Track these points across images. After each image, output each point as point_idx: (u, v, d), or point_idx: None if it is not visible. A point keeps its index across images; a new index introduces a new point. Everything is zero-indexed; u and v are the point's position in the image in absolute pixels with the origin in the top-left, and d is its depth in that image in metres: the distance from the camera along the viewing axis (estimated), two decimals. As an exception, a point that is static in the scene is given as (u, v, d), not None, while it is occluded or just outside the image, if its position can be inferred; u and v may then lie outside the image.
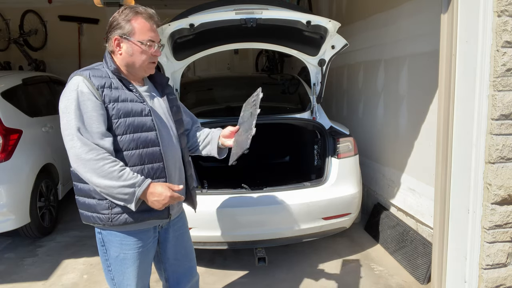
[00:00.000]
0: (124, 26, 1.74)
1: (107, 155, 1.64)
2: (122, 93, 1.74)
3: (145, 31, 1.75)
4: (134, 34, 1.74)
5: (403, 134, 3.81)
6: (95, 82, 1.69)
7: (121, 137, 1.72)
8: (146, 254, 1.89)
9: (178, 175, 1.92)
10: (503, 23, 2.22)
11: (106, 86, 1.71)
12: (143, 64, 1.79)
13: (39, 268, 3.53)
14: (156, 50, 1.80)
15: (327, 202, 3.26)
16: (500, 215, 2.38)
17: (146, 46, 1.75)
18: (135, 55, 1.76)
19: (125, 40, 1.75)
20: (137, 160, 1.74)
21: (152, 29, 1.77)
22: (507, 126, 2.31)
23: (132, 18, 1.74)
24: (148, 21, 1.76)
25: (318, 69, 3.72)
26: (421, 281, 3.10)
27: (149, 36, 1.75)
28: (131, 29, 1.74)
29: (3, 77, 4.29)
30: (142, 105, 1.77)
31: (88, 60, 7.82)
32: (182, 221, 2.08)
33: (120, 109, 1.71)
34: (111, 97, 1.70)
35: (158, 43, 1.80)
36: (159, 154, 1.79)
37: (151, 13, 1.79)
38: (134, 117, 1.73)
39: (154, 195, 1.69)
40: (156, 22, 1.81)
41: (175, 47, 3.32)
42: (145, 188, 1.67)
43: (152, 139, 1.77)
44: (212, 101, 4.40)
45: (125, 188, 1.64)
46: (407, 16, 3.63)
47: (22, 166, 3.81)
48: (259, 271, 3.34)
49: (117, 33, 1.74)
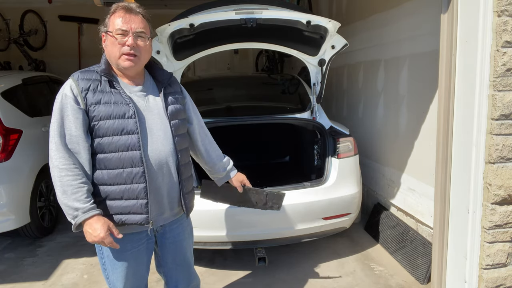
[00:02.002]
0: (105, 21, 1.77)
1: (73, 166, 1.67)
2: (105, 96, 1.73)
3: (116, 22, 1.73)
4: (108, 26, 1.76)
5: (403, 134, 3.81)
6: (81, 84, 1.71)
7: (100, 140, 1.73)
8: (137, 257, 1.87)
9: (168, 180, 1.85)
10: (503, 23, 2.22)
11: (91, 89, 1.72)
12: (116, 56, 1.75)
13: (39, 268, 3.53)
14: (130, 40, 1.72)
15: (327, 202, 3.26)
16: (500, 215, 2.38)
17: (117, 36, 1.72)
18: (108, 47, 1.77)
19: (105, 34, 1.77)
20: (116, 163, 1.73)
21: (125, 19, 1.73)
22: (507, 126, 2.31)
23: (111, 13, 1.76)
24: (123, 11, 1.74)
25: (318, 69, 3.72)
26: (421, 281, 3.10)
27: (119, 25, 1.72)
28: (108, 22, 1.76)
29: (3, 77, 4.29)
30: (126, 107, 1.74)
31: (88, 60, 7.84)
32: (181, 227, 2.03)
33: (101, 111, 1.71)
34: (93, 100, 1.71)
35: (134, 33, 1.73)
36: (139, 159, 1.74)
37: (130, 6, 1.76)
38: (114, 119, 1.72)
39: (90, 227, 1.66)
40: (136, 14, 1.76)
41: (175, 47, 3.32)
42: (86, 218, 1.66)
43: (132, 142, 1.73)
44: (212, 101, 4.40)
45: (69, 208, 1.66)
46: (407, 16, 3.63)
47: (22, 166, 3.81)
48: (259, 271, 3.34)
49: (101, 30, 1.78)
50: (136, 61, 1.77)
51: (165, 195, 1.86)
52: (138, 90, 1.83)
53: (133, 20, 1.74)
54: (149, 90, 1.87)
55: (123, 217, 1.77)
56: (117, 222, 1.77)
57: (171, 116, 1.87)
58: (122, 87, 1.78)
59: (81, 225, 1.69)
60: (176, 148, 1.87)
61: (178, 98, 1.96)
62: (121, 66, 1.76)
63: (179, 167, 1.89)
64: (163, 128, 1.83)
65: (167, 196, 1.87)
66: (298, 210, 3.18)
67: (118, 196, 1.75)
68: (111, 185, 1.75)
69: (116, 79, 1.79)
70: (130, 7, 1.76)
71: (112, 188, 1.75)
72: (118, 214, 1.77)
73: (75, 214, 1.66)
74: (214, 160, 2.16)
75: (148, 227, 1.84)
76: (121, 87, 1.77)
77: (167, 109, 1.86)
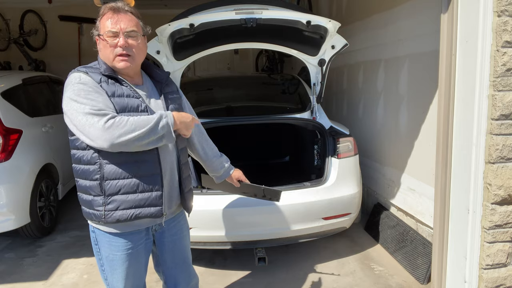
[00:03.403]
0: (97, 24, 1.76)
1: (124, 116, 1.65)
2: (118, 88, 1.73)
3: (106, 24, 1.72)
4: (100, 30, 1.75)
5: (403, 134, 3.81)
6: (94, 77, 1.70)
7: None
8: (136, 256, 1.87)
9: (170, 177, 1.87)
10: (503, 23, 2.22)
11: (103, 81, 1.71)
12: (111, 58, 1.74)
13: (39, 268, 3.54)
14: (121, 41, 1.71)
15: (327, 202, 3.26)
16: (500, 215, 2.38)
17: (107, 38, 1.71)
18: (102, 50, 1.76)
19: (97, 37, 1.76)
20: (130, 156, 1.72)
21: (113, 21, 1.71)
22: (507, 126, 2.31)
23: (100, 15, 1.75)
24: (111, 12, 1.73)
25: (318, 69, 3.72)
26: (421, 281, 3.10)
27: (109, 28, 1.71)
28: (99, 25, 1.75)
29: (3, 77, 4.29)
30: (138, 101, 1.74)
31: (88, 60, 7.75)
32: (179, 225, 2.04)
33: (117, 103, 1.69)
34: (109, 91, 1.70)
35: (125, 32, 1.72)
36: (153, 150, 1.76)
37: (117, 6, 1.74)
38: (129, 112, 1.71)
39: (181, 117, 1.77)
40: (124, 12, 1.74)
41: (175, 47, 3.32)
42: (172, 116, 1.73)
43: None
44: (212, 101, 4.40)
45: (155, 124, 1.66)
46: (407, 16, 3.63)
47: (22, 166, 3.81)
48: (259, 271, 3.34)
49: (94, 33, 1.78)
50: (131, 61, 1.76)
51: (166, 193, 1.87)
52: (139, 90, 1.84)
53: (121, 19, 1.72)
54: (149, 90, 1.88)
55: (137, 210, 1.76)
56: (131, 216, 1.75)
57: None
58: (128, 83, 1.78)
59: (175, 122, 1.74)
60: (177, 147, 1.90)
61: (176, 98, 1.97)
62: (117, 68, 1.76)
63: (180, 166, 1.92)
64: None
65: (167, 195, 1.88)
66: (298, 210, 3.18)
67: (133, 190, 1.74)
68: (125, 179, 1.73)
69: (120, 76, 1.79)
70: (117, 7, 1.74)
71: (126, 182, 1.73)
72: (132, 208, 1.75)
73: (165, 118, 1.69)
74: (211, 158, 2.17)
75: (162, 219, 1.88)
76: (127, 83, 1.77)
77: (167, 108, 1.87)
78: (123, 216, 1.74)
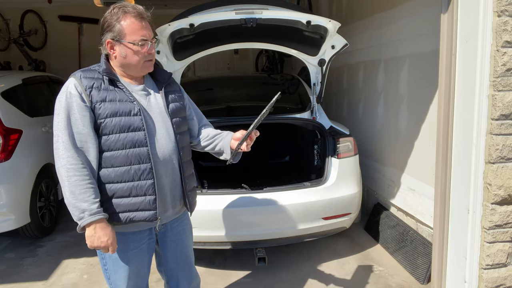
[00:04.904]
0: (115, 28, 1.71)
1: (81, 166, 1.66)
2: (110, 93, 1.74)
3: (135, 31, 1.71)
4: (125, 36, 1.71)
5: (403, 134, 3.81)
6: (85, 82, 1.71)
7: (107, 137, 1.73)
8: (138, 256, 1.88)
9: (171, 177, 1.87)
10: (503, 23, 2.22)
11: (95, 87, 1.72)
12: (139, 64, 1.77)
13: (39, 268, 3.54)
14: (150, 47, 1.77)
15: (327, 202, 3.26)
16: (500, 215, 2.38)
17: (139, 46, 1.73)
18: (128, 57, 1.75)
19: (117, 43, 1.73)
20: (123, 160, 1.74)
21: (143, 28, 1.73)
22: (507, 126, 2.31)
23: (122, 19, 1.71)
24: (137, 19, 1.72)
25: (318, 69, 3.72)
26: (421, 281, 3.10)
27: (140, 35, 1.72)
28: (121, 30, 1.71)
29: (3, 77, 4.29)
30: (131, 105, 1.75)
31: (88, 60, 7.82)
32: (182, 225, 2.04)
33: (107, 108, 1.71)
34: (98, 98, 1.71)
35: (151, 40, 1.76)
36: (147, 155, 1.76)
37: (140, 11, 1.74)
38: (121, 116, 1.72)
39: (96, 231, 1.67)
40: (147, 19, 1.76)
41: (175, 47, 3.32)
42: (92, 221, 1.66)
43: (139, 139, 1.75)
44: (212, 101, 4.40)
45: (76, 209, 1.65)
46: (407, 16, 3.63)
47: (22, 166, 3.81)
48: (259, 271, 3.34)
49: (109, 36, 1.73)
50: (153, 64, 1.84)
51: (168, 193, 1.87)
52: (140, 89, 1.85)
53: (147, 26, 1.76)
54: (150, 89, 1.89)
55: (131, 214, 1.77)
56: (125, 220, 1.77)
57: (173, 114, 1.89)
58: (124, 86, 1.79)
59: (84, 228, 1.69)
60: (178, 145, 1.89)
61: (178, 96, 1.98)
62: (141, 71, 1.81)
63: (182, 165, 1.91)
64: (165, 126, 1.85)
65: (169, 194, 1.88)
66: (298, 210, 3.18)
67: (126, 194, 1.76)
68: (118, 183, 1.75)
69: (118, 78, 1.80)
70: (142, 13, 1.74)
71: (119, 186, 1.75)
72: (125, 212, 1.76)
73: (81, 216, 1.66)
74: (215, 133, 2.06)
75: (156, 223, 1.87)
76: (124, 85, 1.78)
77: (168, 107, 1.88)
78: (118, 219, 1.76)
